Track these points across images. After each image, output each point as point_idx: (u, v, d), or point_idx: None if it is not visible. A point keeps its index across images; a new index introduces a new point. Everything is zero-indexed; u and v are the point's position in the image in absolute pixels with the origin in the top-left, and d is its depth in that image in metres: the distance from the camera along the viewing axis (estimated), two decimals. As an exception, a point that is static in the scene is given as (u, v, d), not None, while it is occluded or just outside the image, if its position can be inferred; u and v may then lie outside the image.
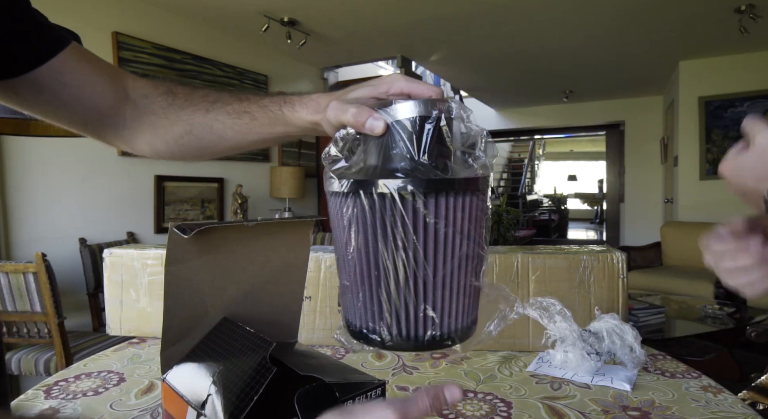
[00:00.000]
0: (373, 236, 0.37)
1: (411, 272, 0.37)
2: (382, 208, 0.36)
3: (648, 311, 2.48)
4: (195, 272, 0.53)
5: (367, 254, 0.38)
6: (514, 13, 3.48)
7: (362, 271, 0.38)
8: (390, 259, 0.37)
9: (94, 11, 2.94)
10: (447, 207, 0.37)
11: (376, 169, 0.38)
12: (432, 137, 0.37)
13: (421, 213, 0.36)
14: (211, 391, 0.47)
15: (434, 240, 0.37)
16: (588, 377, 0.85)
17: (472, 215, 0.38)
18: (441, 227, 0.37)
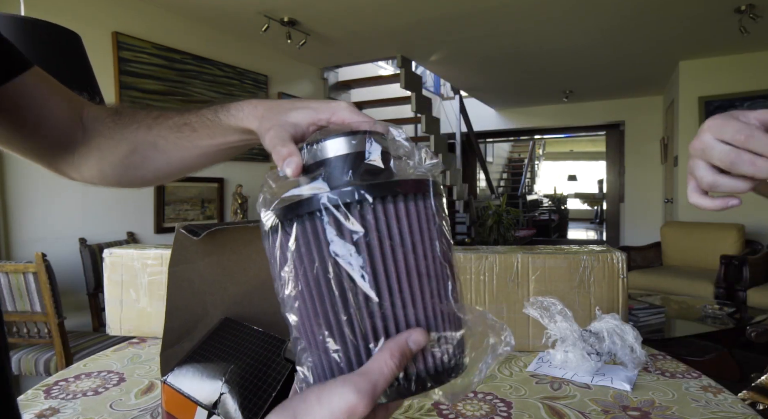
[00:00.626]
0: (303, 272, 0.31)
1: (355, 308, 0.30)
2: (306, 234, 0.31)
3: (648, 311, 2.48)
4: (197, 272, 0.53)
5: (303, 298, 0.32)
6: (514, 13, 3.48)
7: (305, 317, 0.33)
8: (322, 298, 0.31)
9: (94, 11, 2.94)
10: (376, 217, 0.31)
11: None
12: (360, 168, 0.33)
13: (347, 228, 0.30)
14: (224, 390, 0.47)
15: (370, 261, 0.30)
16: (588, 377, 0.85)
17: (413, 222, 0.32)
18: (374, 243, 0.30)
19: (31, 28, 1.07)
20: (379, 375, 0.28)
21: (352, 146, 0.34)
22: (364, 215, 0.31)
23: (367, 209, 0.31)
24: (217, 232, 0.52)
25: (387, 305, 0.30)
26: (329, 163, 0.34)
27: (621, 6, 3.35)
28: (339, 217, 0.30)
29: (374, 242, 0.30)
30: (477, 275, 1.01)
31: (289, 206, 0.32)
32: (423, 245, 0.32)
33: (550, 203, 11.69)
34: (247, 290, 0.59)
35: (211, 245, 0.53)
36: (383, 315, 0.30)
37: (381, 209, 0.31)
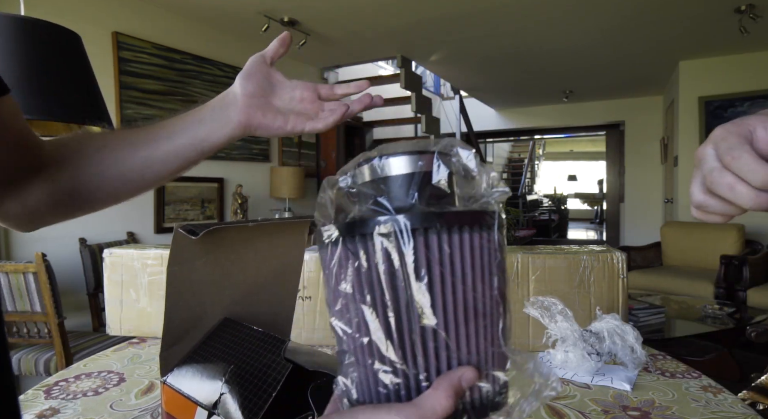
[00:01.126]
0: (360, 294, 0.31)
1: (400, 335, 0.30)
2: (368, 253, 0.30)
3: (648, 311, 2.48)
4: (196, 272, 0.53)
5: (355, 317, 0.32)
6: (514, 13, 3.48)
7: (353, 340, 0.32)
8: (378, 320, 0.30)
9: (94, 11, 2.94)
10: (440, 247, 0.30)
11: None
12: (426, 191, 0.32)
13: (410, 255, 0.29)
14: (224, 390, 0.47)
15: (431, 292, 0.30)
16: (588, 377, 0.85)
17: (476, 257, 0.31)
18: (435, 273, 0.30)
19: (31, 28, 1.07)
20: (432, 412, 0.28)
21: (418, 165, 0.32)
22: (429, 245, 0.30)
23: (433, 238, 0.30)
24: (216, 231, 0.52)
25: (441, 338, 0.30)
26: (392, 181, 0.33)
27: (621, 6, 3.35)
28: (404, 242, 0.29)
29: (436, 272, 0.30)
30: (477, 275, 1.01)
31: (355, 222, 0.31)
32: (483, 282, 0.31)
33: (550, 203, 11.69)
34: (246, 290, 0.59)
35: (210, 245, 0.53)
36: (436, 347, 0.30)
37: (446, 239, 0.30)
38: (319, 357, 0.54)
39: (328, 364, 0.51)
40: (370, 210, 0.32)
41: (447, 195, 0.32)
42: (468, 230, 0.31)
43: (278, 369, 0.47)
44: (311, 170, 4.81)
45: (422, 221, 0.30)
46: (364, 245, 0.31)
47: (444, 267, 0.30)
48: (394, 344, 0.30)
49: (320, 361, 0.52)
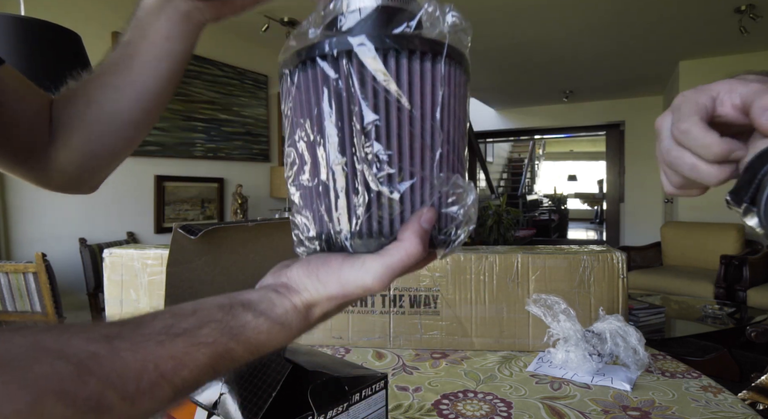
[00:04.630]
0: (318, 117, 0.30)
1: (364, 159, 0.29)
2: (329, 73, 0.30)
3: (648, 311, 2.48)
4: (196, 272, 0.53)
5: (315, 142, 0.31)
6: (514, 13, 3.48)
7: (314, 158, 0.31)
8: (333, 146, 0.30)
9: (94, 11, 2.94)
10: (399, 71, 0.29)
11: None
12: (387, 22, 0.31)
13: (372, 76, 0.29)
14: (224, 390, 0.47)
15: (397, 112, 0.29)
16: (588, 377, 0.85)
17: (436, 86, 0.30)
18: (392, 98, 0.29)
19: (31, 28, 1.07)
20: (399, 263, 0.30)
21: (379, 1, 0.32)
22: (389, 66, 0.29)
23: (391, 61, 0.29)
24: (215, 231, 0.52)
25: (395, 168, 0.30)
26: (352, 17, 0.32)
27: (621, 6, 3.35)
28: (369, 62, 0.29)
29: (393, 97, 0.29)
30: (477, 275, 1.01)
31: (311, 46, 0.31)
32: (445, 113, 0.31)
33: (550, 203, 11.69)
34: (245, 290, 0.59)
35: (209, 245, 0.53)
36: (390, 177, 0.30)
37: (405, 64, 0.30)
38: (319, 357, 0.55)
39: (328, 364, 0.51)
40: (328, 35, 0.31)
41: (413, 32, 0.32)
42: (429, 58, 0.30)
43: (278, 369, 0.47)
44: (311, 170, 4.81)
45: (378, 42, 0.29)
46: (320, 68, 0.30)
47: (391, 94, 0.29)
48: (353, 169, 0.30)
49: (320, 361, 0.52)
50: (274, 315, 0.31)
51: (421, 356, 0.97)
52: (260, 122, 4.19)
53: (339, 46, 0.29)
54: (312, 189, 0.32)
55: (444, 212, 0.32)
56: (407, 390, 0.81)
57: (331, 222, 0.31)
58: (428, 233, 0.30)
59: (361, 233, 0.30)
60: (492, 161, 11.21)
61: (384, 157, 0.29)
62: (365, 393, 0.49)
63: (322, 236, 0.32)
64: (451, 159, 0.32)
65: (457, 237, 0.33)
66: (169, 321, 0.28)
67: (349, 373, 0.49)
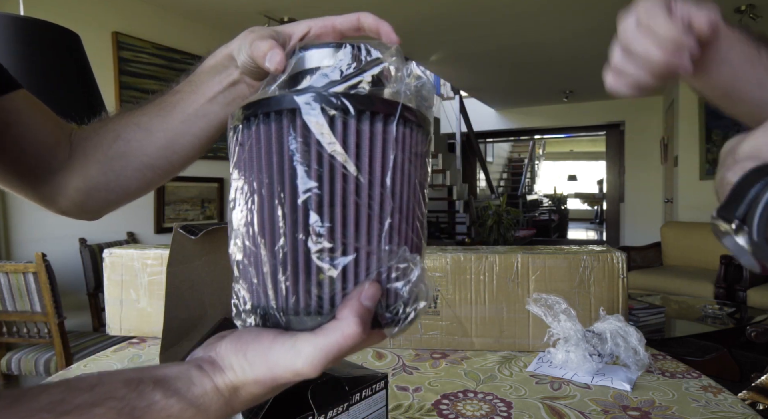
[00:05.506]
0: (257, 178, 0.28)
1: (302, 230, 0.27)
2: (270, 134, 0.28)
3: (648, 311, 2.48)
4: (196, 272, 0.53)
5: (261, 200, 0.28)
6: (514, 13, 3.48)
7: (251, 228, 0.29)
8: (283, 206, 0.27)
9: (94, 11, 2.94)
10: (346, 133, 0.27)
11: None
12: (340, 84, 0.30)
13: (326, 142, 0.26)
14: None
15: (330, 183, 0.27)
16: (588, 377, 0.85)
17: (405, 157, 0.28)
18: (337, 162, 0.27)
19: (30, 28, 1.07)
20: (335, 345, 0.27)
21: (335, 57, 0.30)
22: (335, 128, 0.27)
23: (338, 123, 0.27)
24: (216, 231, 0.52)
25: (336, 242, 0.27)
26: (309, 73, 0.30)
27: (622, 6, 3.34)
28: (313, 123, 0.26)
29: (338, 162, 0.27)
30: (477, 275, 1.01)
31: (259, 101, 0.28)
32: (396, 178, 0.28)
33: (550, 203, 11.69)
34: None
35: (210, 245, 0.53)
36: (329, 250, 0.27)
37: (354, 124, 0.27)
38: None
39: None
40: (279, 91, 0.30)
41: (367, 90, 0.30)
42: (381, 119, 0.28)
43: (278, 369, 0.47)
44: (311, 170, 4.81)
45: (324, 101, 0.27)
46: (264, 126, 0.28)
47: (336, 158, 0.27)
48: (286, 241, 0.27)
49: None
50: (189, 395, 0.27)
51: (421, 356, 0.97)
52: (260, 122, 4.19)
53: (282, 103, 0.27)
54: (247, 259, 0.29)
55: (390, 288, 0.29)
56: (407, 390, 0.81)
57: (265, 296, 0.28)
58: (371, 313, 0.28)
59: (297, 310, 0.28)
60: (492, 161, 11.21)
61: (321, 230, 0.27)
62: (365, 393, 0.49)
63: (257, 310, 0.29)
64: (402, 229, 0.29)
65: (406, 315, 0.30)
66: (58, 396, 0.24)
67: (350, 373, 0.49)
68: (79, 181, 0.50)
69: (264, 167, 0.28)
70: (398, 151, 0.28)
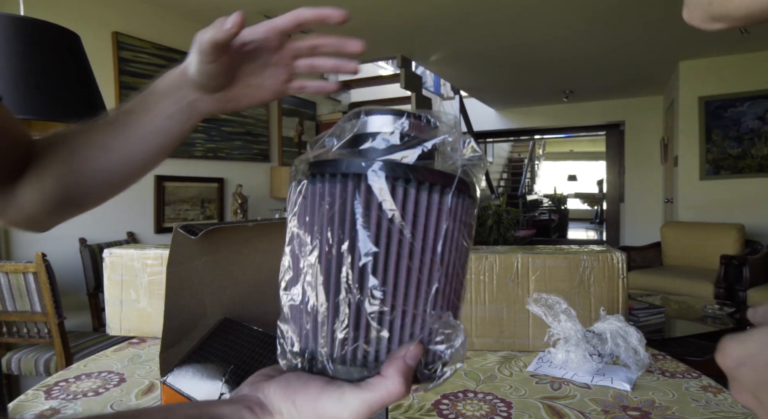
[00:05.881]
0: (314, 232, 0.30)
1: (357, 293, 0.29)
2: (343, 194, 0.29)
3: (648, 311, 2.48)
4: (196, 272, 0.53)
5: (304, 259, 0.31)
6: (514, 13, 3.48)
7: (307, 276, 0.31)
8: (332, 271, 0.29)
9: (94, 11, 2.94)
10: (405, 201, 0.29)
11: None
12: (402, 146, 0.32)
13: (387, 208, 0.28)
14: (224, 390, 0.47)
15: (386, 247, 0.28)
16: (588, 377, 0.85)
17: (441, 220, 0.30)
18: (395, 227, 0.28)
19: (30, 28, 1.07)
20: (379, 401, 0.29)
21: (398, 125, 0.32)
22: (396, 195, 0.29)
23: (399, 190, 0.29)
24: (216, 231, 0.52)
25: (388, 305, 0.29)
26: (371, 137, 0.32)
27: (621, 6, 3.35)
28: (377, 190, 0.28)
29: (396, 227, 0.29)
30: (477, 275, 1.01)
31: (326, 161, 0.30)
32: (446, 247, 0.30)
33: (550, 203, 11.69)
34: (245, 290, 0.59)
35: (210, 245, 0.53)
36: (382, 313, 0.29)
37: (413, 194, 0.29)
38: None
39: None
40: (343, 154, 0.32)
41: (424, 159, 0.31)
42: (438, 190, 0.30)
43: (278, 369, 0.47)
44: (311, 170, 4.81)
45: (389, 170, 0.29)
46: (329, 185, 0.30)
47: (406, 221, 0.29)
48: (340, 295, 0.29)
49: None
50: None
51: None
52: (260, 122, 4.19)
53: (351, 168, 0.29)
54: (302, 305, 0.31)
55: (432, 349, 0.31)
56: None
57: (315, 343, 0.30)
58: (413, 370, 0.30)
59: (345, 360, 0.30)
60: (492, 161, 11.21)
61: (378, 293, 0.29)
62: None
63: (305, 354, 0.31)
64: (446, 293, 0.31)
65: (443, 374, 0.32)
66: None
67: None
68: (33, 194, 0.50)
69: (326, 223, 0.30)
70: (450, 220, 0.30)
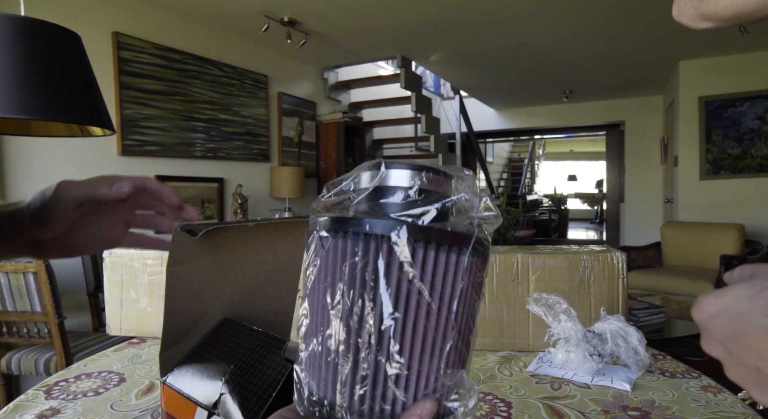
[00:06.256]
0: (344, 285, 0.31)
1: (375, 351, 0.29)
2: (365, 252, 0.30)
3: (648, 311, 2.48)
4: (196, 272, 0.53)
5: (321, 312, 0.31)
6: (514, 13, 3.48)
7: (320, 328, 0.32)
8: (340, 321, 0.30)
9: (94, 11, 2.94)
10: (424, 262, 0.30)
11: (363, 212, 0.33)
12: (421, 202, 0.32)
13: (407, 268, 0.29)
14: (224, 390, 0.47)
15: (405, 308, 0.29)
16: (588, 377, 0.85)
17: (457, 279, 0.31)
18: (414, 289, 0.29)
19: (30, 28, 1.07)
20: None
21: (418, 180, 0.33)
22: (415, 257, 0.30)
23: (419, 252, 0.29)
24: (216, 231, 0.52)
25: (405, 367, 0.30)
26: (390, 191, 0.33)
27: (622, 6, 3.35)
28: (400, 251, 0.29)
29: (415, 288, 0.30)
30: (477, 275, 1.01)
31: (348, 219, 0.31)
32: (460, 305, 0.31)
33: (550, 203, 11.69)
34: (246, 290, 0.59)
35: (210, 245, 0.53)
36: (399, 369, 0.30)
37: (433, 256, 0.30)
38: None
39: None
40: (365, 212, 0.32)
41: (441, 215, 0.32)
42: (456, 251, 0.30)
43: (278, 369, 0.47)
44: (311, 170, 4.81)
45: (412, 232, 0.29)
46: (352, 242, 0.31)
47: (424, 282, 0.29)
48: (359, 354, 0.30)
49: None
50: None
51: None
52: (260, 122, 4.19)
53: (375, 229, 0.30)
54: (321, 356, 0.32)
55: (446, 405, 0.32)
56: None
57: (333, 393, 0.31)
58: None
59: (363, 415, 0.31)
60: (492, 161, 11.21)
61: (398, 358, 0.30)
62: None
63: (324, 403, 0.32)
64: (460, 349, 0.32)
65: None
66: None
67: None
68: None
69: (347, 281, 0.30)
70: (466, 279, 0.31)
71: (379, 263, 0.29)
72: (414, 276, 0.29)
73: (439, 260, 0.30)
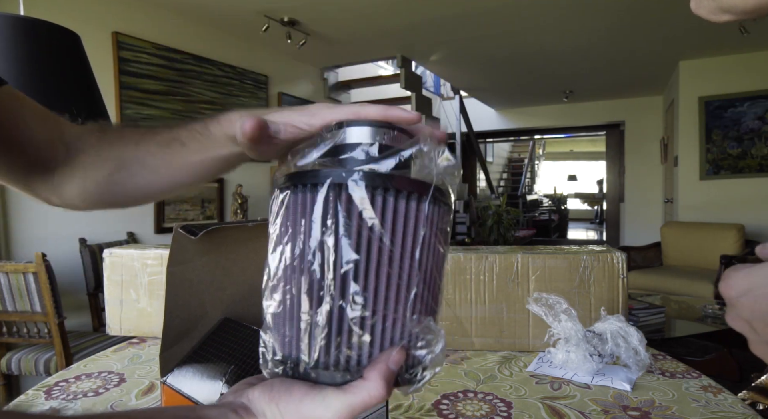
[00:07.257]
0: (304, 236, 0.31)
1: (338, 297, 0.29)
2: (325, 203, 0.30)
3: (648, 311, 2.48)
4: (196, 272, 0.53)
5: (293, 261, 0.31)
6: (514, 13, 3.48)
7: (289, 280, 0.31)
8: (315, 266, 0.30)
9: (94, 11, 2.94)
10: (384, 209, 0.30)
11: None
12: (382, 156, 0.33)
13: (366, 215, 0.29)
14: (224, 390, 0.47)
15: (367, 254, 0.29)
16: (588, 377, 0.85)
17: (411, 226, 0.31)
18: (375, 236, 0.29)
19: (30, 28, 1.07)
20: (361, 403, 0.30)
21: (376, 137, 0.33)
22: (375, 204, 0.30)
23: (378, 199, 0.30)
24: (216, 231, 0.52)
25: (369, 311, 0.30)
26: (350, 148, 0.33)
27: (621, 6, 3.35)
28: (358, 199, 0.29)
29: (375, 235, 0.30)
30: (477, 275, 1.01)
31: (306, 172, 0.31)
32: (425, 253, 0.32)
33: (550, 203, 11.69)
34: (246, 290, 0.59)
35: (210, 245, 0.53)
36: (363, 318, 0.30)
37: (392, 203, 0.30)
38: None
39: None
40: (325, 164, 0.32)
41: (401, 167, 0.32)
42: (415, 198, 0.31)
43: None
44: (311, 170, 4.81)
45: (369, 180, 0.30)
46: (311, 195, 0.31)
47: (384, 229, 0.30)
48: (318, 301, 0.30)
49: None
50: None
51: (421, 356, 0.97)
52: (260, 122, 4.19)
53: (332, 178, 0.30)
54: (283, 313, 0.32)
55: (413, 354, 0.32)
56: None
57: (297, 349, 0.31)
58: (394, 375, 0.31)
59: (327, 365, 0.30)
60: (492, 161, 11.21)
61: (359, 299, 0.30)
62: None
63: (287, 362, 0.32)
64: (425, 299, 0.32)
65: (422, 378, 0.33)
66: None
67: None
68: (74, 189, 0.51)
69: (308, 232, 0.30)
70: (427, 227, 0.31)
71: (339, 212, 0.29)
72: (374, 223, 0.29)
73: (398, 207, 0.30)
